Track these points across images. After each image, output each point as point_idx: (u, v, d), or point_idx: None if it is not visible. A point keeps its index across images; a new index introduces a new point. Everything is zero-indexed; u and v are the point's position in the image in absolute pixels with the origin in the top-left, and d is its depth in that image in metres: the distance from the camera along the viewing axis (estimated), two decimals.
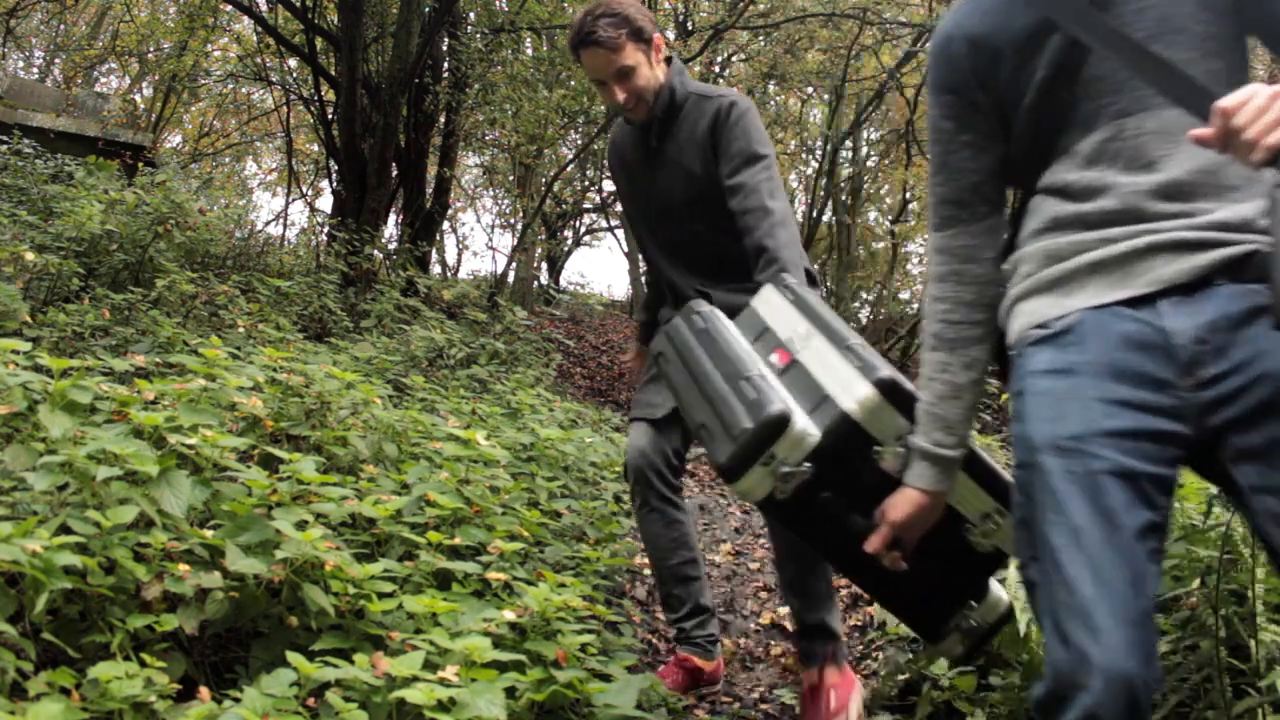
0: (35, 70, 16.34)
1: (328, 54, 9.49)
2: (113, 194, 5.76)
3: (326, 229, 8.98)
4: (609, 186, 17.50)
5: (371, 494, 2.29)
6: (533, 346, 7.39)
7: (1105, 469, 1.17)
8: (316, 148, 14.11)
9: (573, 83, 10.44)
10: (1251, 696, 1.77)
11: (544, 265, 18.26)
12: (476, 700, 1.56)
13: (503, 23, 9.99)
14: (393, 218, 10.29)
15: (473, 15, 10.22)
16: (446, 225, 18.08)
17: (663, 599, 2.48)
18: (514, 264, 13.25)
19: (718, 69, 15.07)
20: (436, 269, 16.75)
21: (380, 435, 2.94)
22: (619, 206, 17.38)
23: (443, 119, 10.00)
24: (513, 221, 17.23)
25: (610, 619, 2.40)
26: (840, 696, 2.24)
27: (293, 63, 10.89)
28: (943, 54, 1.40)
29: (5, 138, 7.47)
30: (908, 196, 16.31)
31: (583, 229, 19.81)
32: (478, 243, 48.79)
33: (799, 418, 1.53)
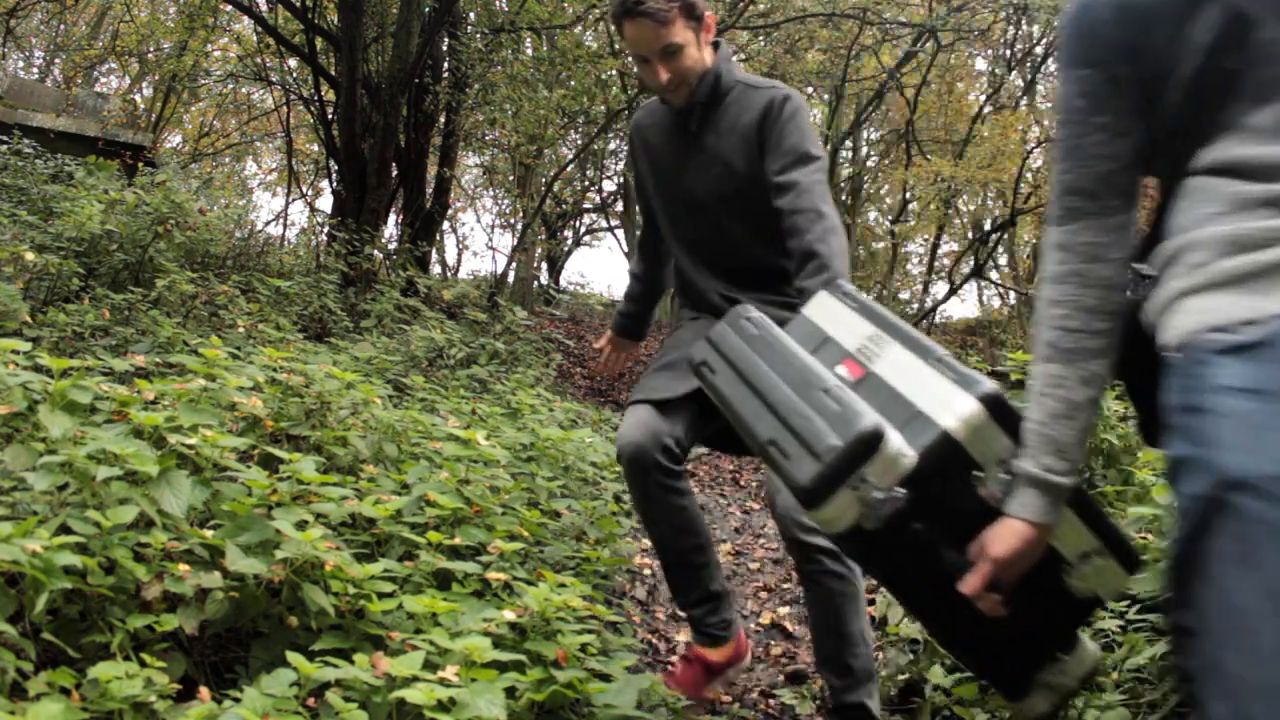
0: (35, 70, 16.36)
1: (328, 54, 9.49)
2: (113, 194, 5.76)
3: (326, 229, 8.98)
4: (609, 186, 17.51)
5: (371, 494, 2.29)
6: (533, 346, 7.39)
7: None
8: (316, 148, 14.12)
9: (573, 83, 10.45)
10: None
11: (544, 265, 18.27)
12: (476, 700, 1.56)
13: (503, 23, 9.99)
14: (393, 218, 10.29)
15: (473, 15, 10.22)
16: (446, 225, 18.11)
17: (671, 588, 2.28)
18: (514, 264, 13.26)
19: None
20: (436, 269, 16.76)
21: (380, 435, 2.94)
22: (619, 206, 17.41)
23: (443, 119, 10.00)
24: (513, 221, 17.24)
25: (610, 619, 2.40)
26: None
27: (293, 63, 10.90)
28: (1082, 22, 1.24)
29: (5, 138, 7.47)
30: (907, 197, 16.32)
31: (583, 229, 19.85)
32: (478, 243, 48.83)
33: (892, 435, 1.36)
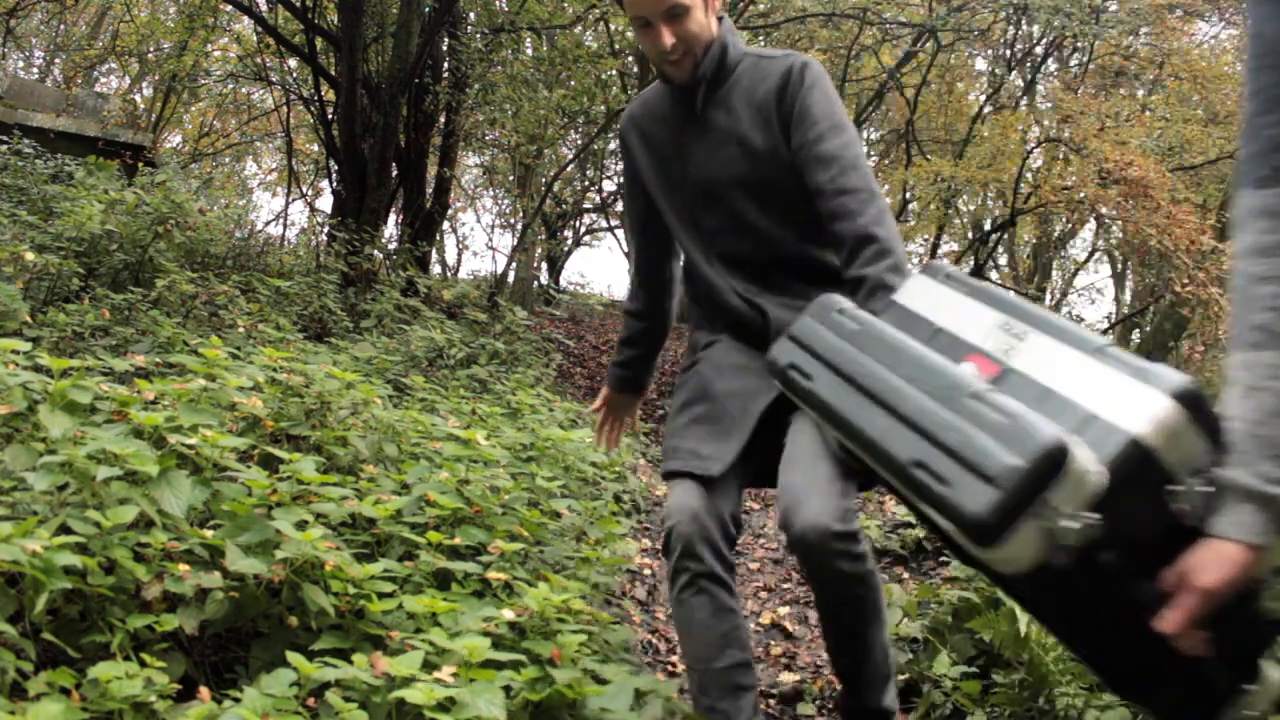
0: (35, 70, 16.36)
1: (328, 54, 9.49)
2: (113, 194, 5.76)
3: (326, 229, 8.98)
4: (609, 186, 17.49)
5: (371, 494, 2.29)
6: (533, 346, 7.39)
7: None
8: (316, 148, 14.11)
9: (573, 83, 10.45)
10: None
11: (544, 265, 18.27)
12: (476, 700, 1.56)
13: (503, 23, 9.99)
14: (393, 218, 10.29)
15: (473, 15, 10.22)
16: (446, 225, 18.12)
17: (700, 709, 1.84)
18: (514, 264, 13.26)
19: None
20: (436, 269, 16.77)
21: (380, 435, 2.94)
22: (619, 206, 17.39)
23: (443, 119, 10.00)
24: (513, 221, 17.25)
25: (610, 620, 2.40)
26: None
27: (293, 63, 10.90)
28: None
29: (5, 138, 7.47)
30: (908, 196, 16.30)
31: (583, 229, 19.83)
32: (478, 243, 48.76)
33: (1078, 448, 1.09)
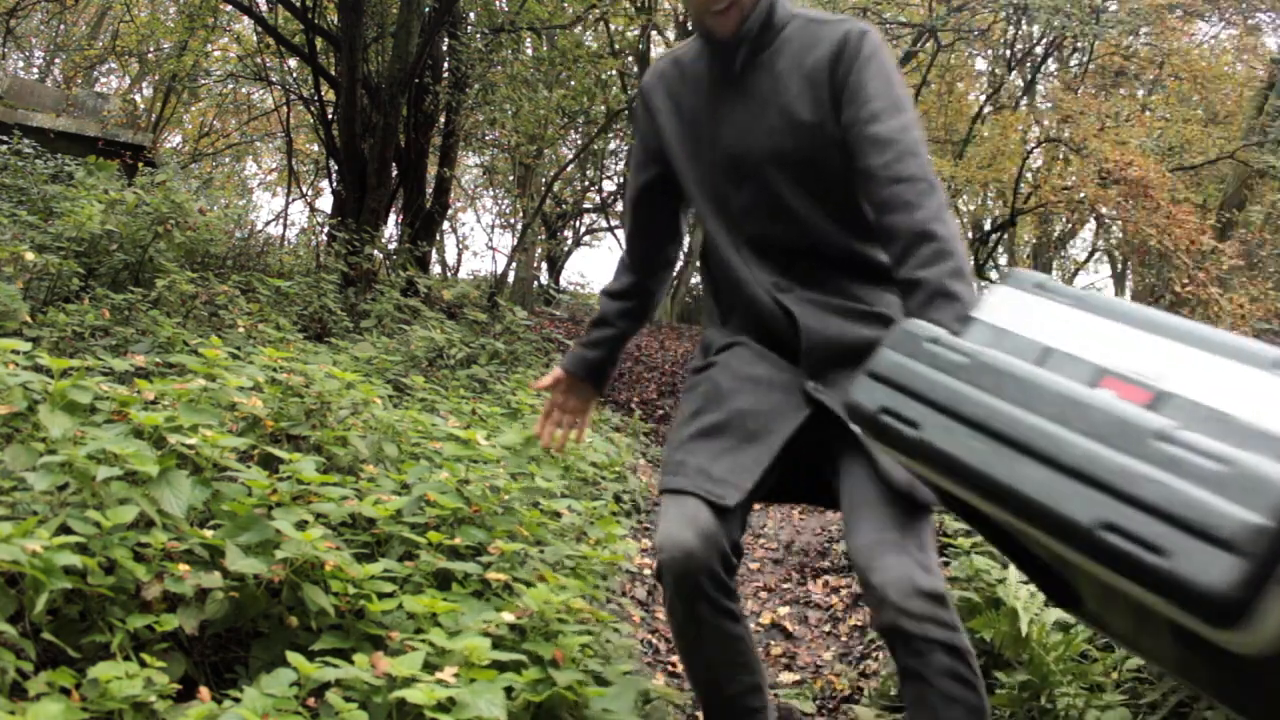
0: (35, 70, 16.35)
1: (328, 54, 9.49)
2: (113, 194, 5.76)
3: (326, 229, 8.99)
4: (609, 186, 17.49)
5: (371, 494, 2.29)
6: (533, 346, 7.39)
7: None
8: (316, 148, 14.11)
9: (573, 83, 10.46)
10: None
11: (544, 265, 18.27)
12: (476, 700, 1.56)
13: (503, 23, 9.99)
14: (393, 218, 10.29)
15: (473, 15, 10.22)
16: (446, 225, 18.11)
17: None
18: (514, 264, 13.26)
19: None
20: (436, 269, 16.77)
21: (380, 435, 2.94)
22: (619, 206, 17.38)
23: (443, 119, 10.00)
24: (513, 221, 17.24)
25: (610, 620, 2.40)
26: None
27: (293, 63, 10.89)
28: None
29: (5, 138, 7.47)
30: None
31: (583, 229, 19.84)
32: (478, 243, 48.84)
33: None
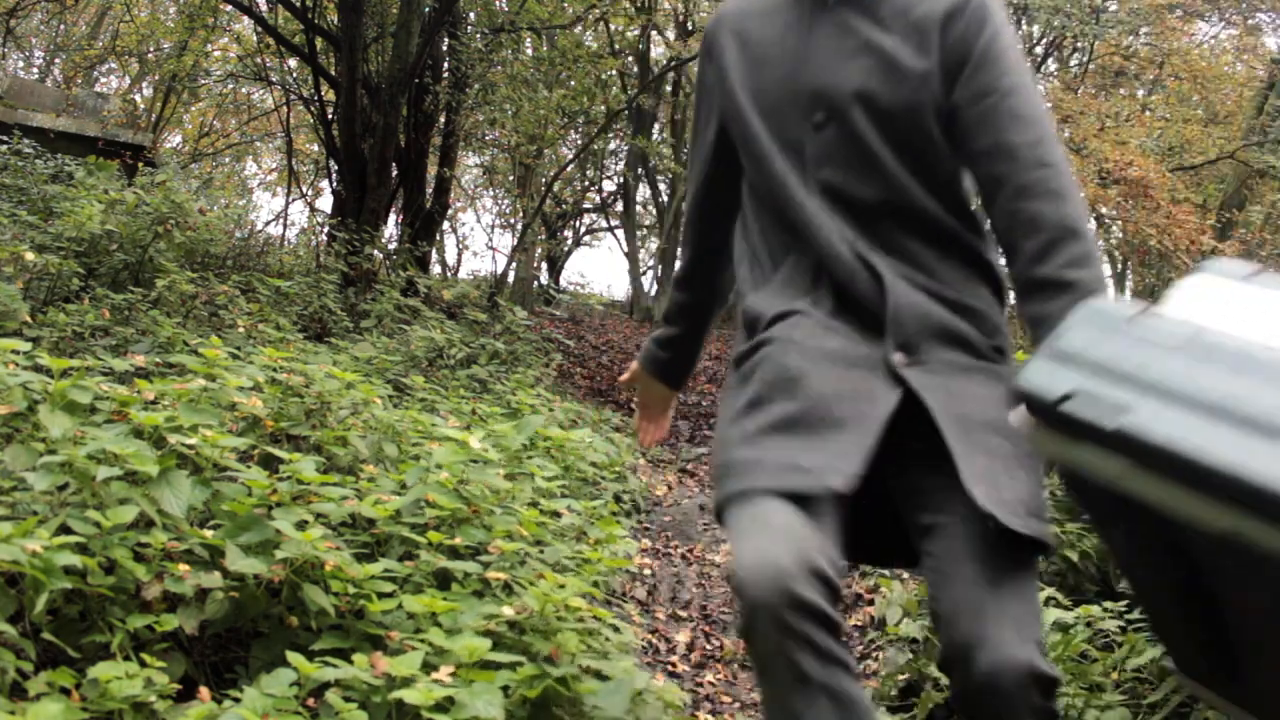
0: (35, 70, 16.35)
1: (328, 54, 9.49)
2: (113, 194, 5.76)
3: (326, 229, 8.99)
4: (609, 186, 17.49)
5: (371, 494, 2.29)
6: (533, 346, 7.39)
7: None
8: (316, 148, 14.10)
9: (573, 83, 10.45)
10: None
11: (544, 265, 18.27)
12: (475, 700, 1.56)
13: (503, 23, 9.99)
14: (393, 218, 10.29)
15: (473, 15, 10.22)
16: (446, 225, 18.09)
17: None
18: (514, 264, 13.25)
19: None
20: (436, 269, 16.75)
21: (380, 435, 2.94)
22: (619, 206, 17.39)
23: (443, 119, 10.00)
24: (513, 221, 17.22)
25: (609, 618, 2.40)
26: None
27: (293, 63, 10.89)
28: None
29: (5, 138, 7.47)
30: None
31: (583, 229, 19.83)
32: (478, 243, 48.85)
33: None
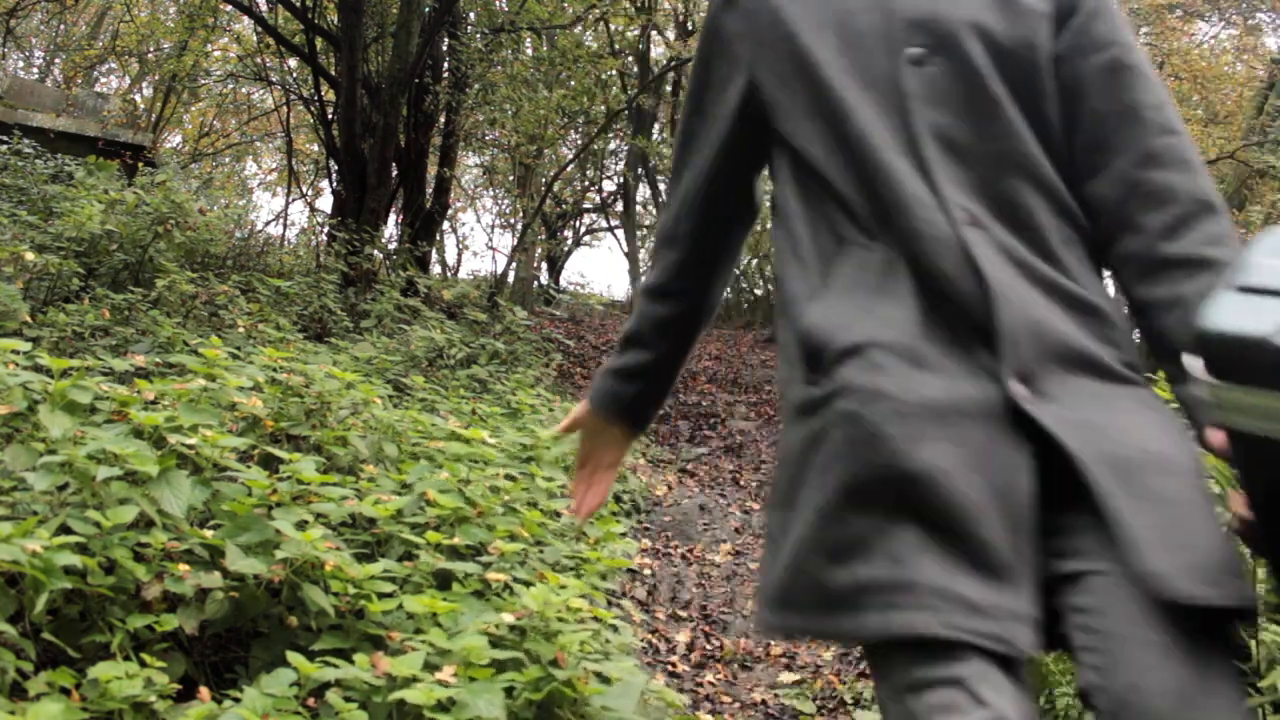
0: (35, 70, 16.34)
1: (328, 54, 9.49)
2: (113, 194, 5.75)
3: (326, 229, 8.98)
4: (609, 186, 17.48)
5: (371, 494, 2.29)
6: (533, 346, 7.39)
7: None
8: (316, 148, 14.10)
9: (573, 83, 10.44)
10: (1253, 696, 1.77)
11: (544, 265, 18.26)
12: (476, 700, 1.56)
13: (503, 23, 9.98)
14: (393, 218, 10.29)
15: (473, 15, 10.22)
16: (446, 225, 18.09)
17: None
18: (514, 264, 13.25)
19: None
20: (436, 269, 16.75)
21: (380, 435, 2.94)
22: (619, 206, 17.38)
23: (443, 119, 9.99)
24: (513, 221, 17.22)
25: (610, 618, 2.40)
26: None
27: (293, 63, 10.89)
28: None
29: (5, 138, 7.47)
30: None
31: (583, 229, 19.81)
32: (478, 243, 48.79)
33: None
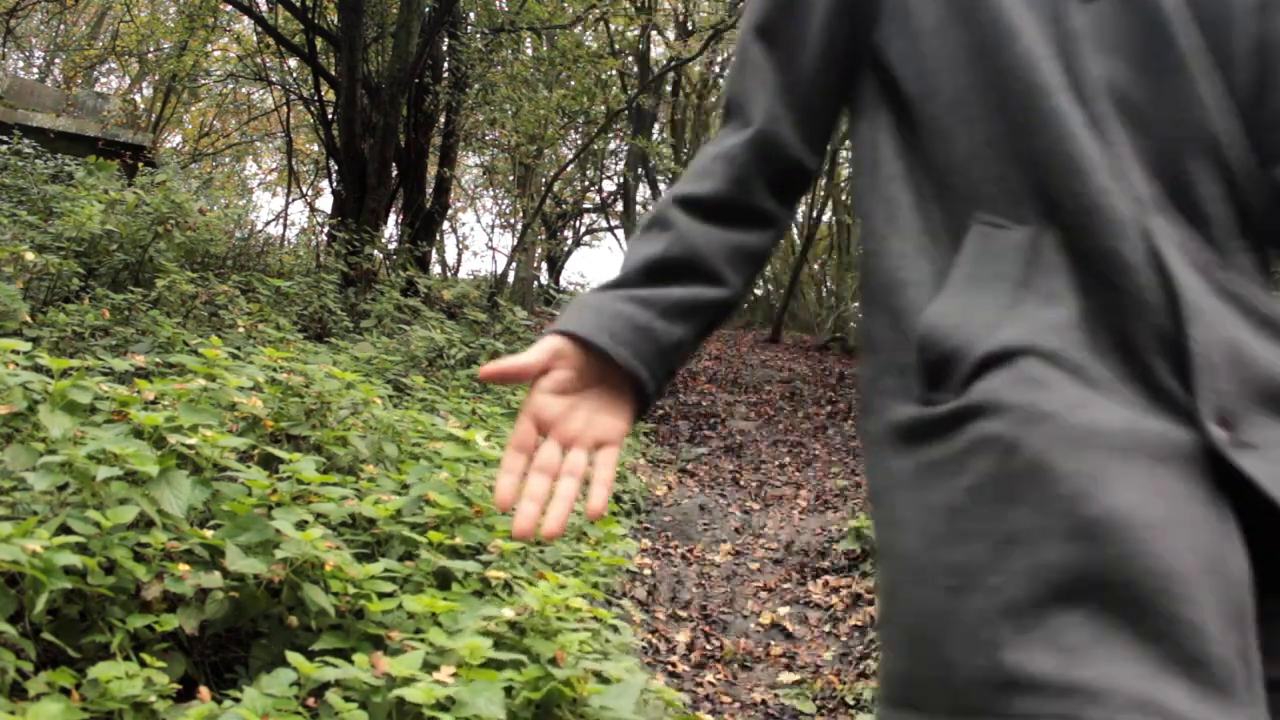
0: (35, 70, 16.34)
1: (328, 54, 9.49)
2: (113, 194, 5.75)
3: (326, 229, 8.99)
4: (609, 186, 17.50)
5: (371, 494, 2.29)
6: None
7: None
8: (316, 148, 14.11)
9: (572, 83, 10.44)
10: None
11: (544, 265, 18.26)
12: (475, 699, 1.56)
13: (503, 23, 9.98)
14: (393, 218, 10.29)
15: (473, 15, 10.22)
16: (446, 225, 18.10)
17: None
18: (514, 264, 13.25)
19: (718, 69, 15.09)
20: (436, 269, 16.74)
21: (380, 435, 2.94)
22: (619, 206, 17.39)
23: (443, 119, 9.99)
24: (513, 221, 17.23)
25: (610, 618, 2.40)
26: None
27: (293, 63, 10.89)
28: None
29: (5, 138, 7.47)
30: None
31: (583, 229, 19.81)
32: (478, 243, 48.84)
33: None
